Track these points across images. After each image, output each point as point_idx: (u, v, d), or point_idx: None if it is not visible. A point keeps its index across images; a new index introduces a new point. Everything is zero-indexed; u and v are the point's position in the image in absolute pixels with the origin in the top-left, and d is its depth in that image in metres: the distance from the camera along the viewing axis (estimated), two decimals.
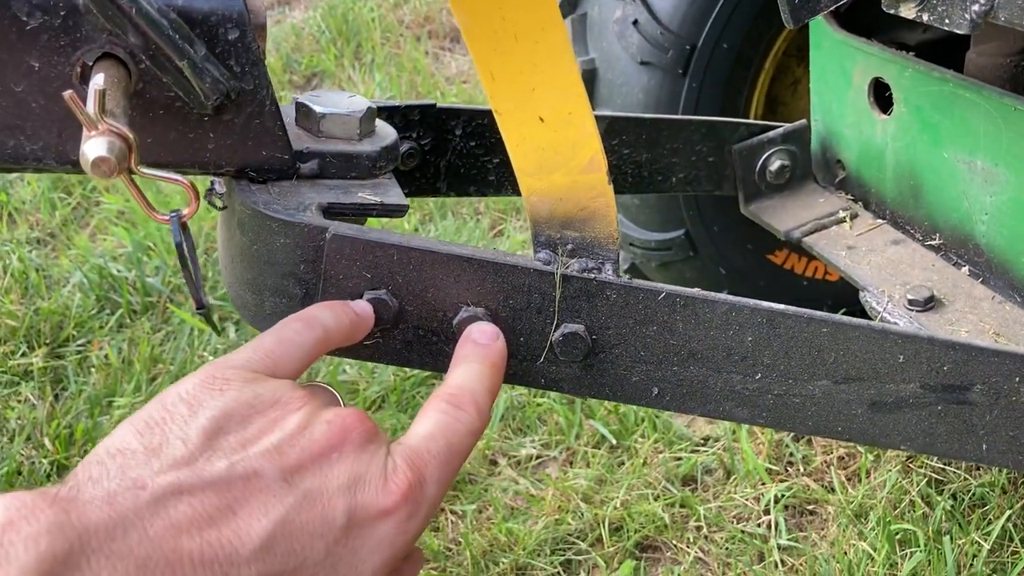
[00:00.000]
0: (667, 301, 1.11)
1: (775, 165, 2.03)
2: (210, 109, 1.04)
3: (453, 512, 2.26)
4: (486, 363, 0.98)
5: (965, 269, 1.75)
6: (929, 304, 1.67)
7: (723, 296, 1.12)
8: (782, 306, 1.12)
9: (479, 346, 1.00)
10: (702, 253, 2.47)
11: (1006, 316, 1.62)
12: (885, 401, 1.14)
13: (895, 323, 1.68)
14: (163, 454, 0.69)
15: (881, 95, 1.88)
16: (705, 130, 1.96)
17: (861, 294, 1.79)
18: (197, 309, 1.07)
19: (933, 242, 1.82)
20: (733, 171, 2.03)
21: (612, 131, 1.85)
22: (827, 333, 1.12)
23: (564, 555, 2.11)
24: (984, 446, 1.17)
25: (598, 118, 1.89)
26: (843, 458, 2.25)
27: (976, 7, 1.32)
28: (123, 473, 0.67)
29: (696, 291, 1.12)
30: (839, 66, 1.96)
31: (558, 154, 1.06)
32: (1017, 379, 1.13)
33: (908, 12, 1.42)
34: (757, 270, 2.52)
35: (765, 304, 1.12)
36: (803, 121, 2.05)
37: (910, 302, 1.69)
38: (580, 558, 2.11)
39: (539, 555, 2.10)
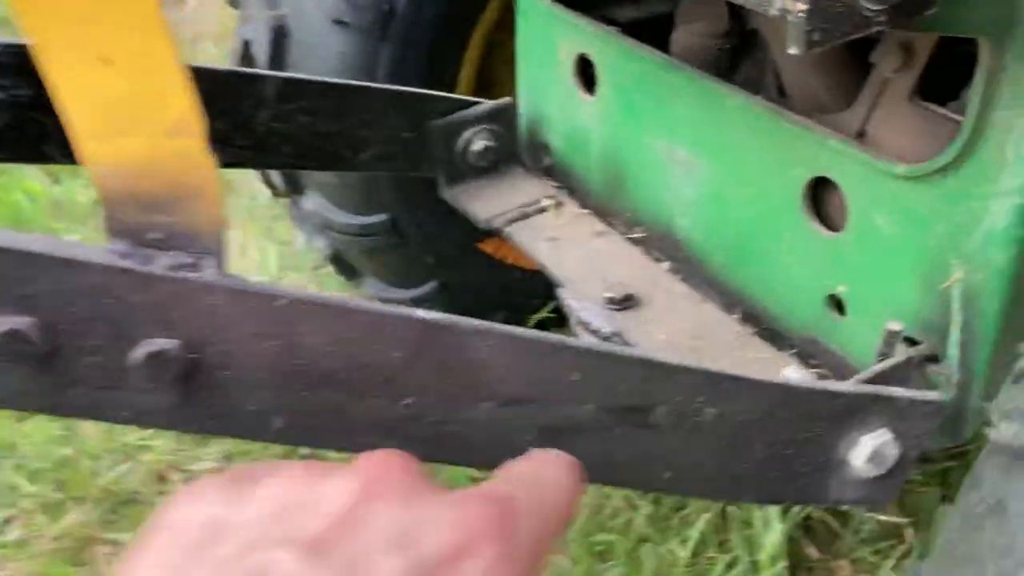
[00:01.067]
0: (291, 309, 0.86)
1: (478, 145, 1.84)
2: None
3: (107, 541, 1.91)
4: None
5: (666, 265, 1.64)
6: (627, 303, 1.54)
7: (363, 303, 0.89)
8: (437, 315, 0.90)
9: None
10: (409, 240, 2.25)
11: (705, 317, 1.52)
12: (558, 426, 0.96)
13: (592, 323, 1.54)
14: None
15: (588, 74, 1.73)
16: (399, 101, 1.73)
17: (559, 291, 1.64)
18: None
19: (636, 235, 1.71)
20: (431, 150, 1.82)
21: (287, 95, 1.58)
22: (490, 347, 0.92)
23: None
24: (668, 474, 1.03)
25: (268, 78, 1.63)
26: None
27: None
28: None
29: (330, 296, 0.89)
30: (546, 40, 1.80)
31: (133, 110, 0.79)
32: (701, 399, 0.99)
33: None
34: (468, 260, 2.34)
35: (417, 313, 0.90)
36: (509, 99, 1.88)
37: (608, 300, 1.55)
38: None
39: None
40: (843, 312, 1.33)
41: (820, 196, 1.33)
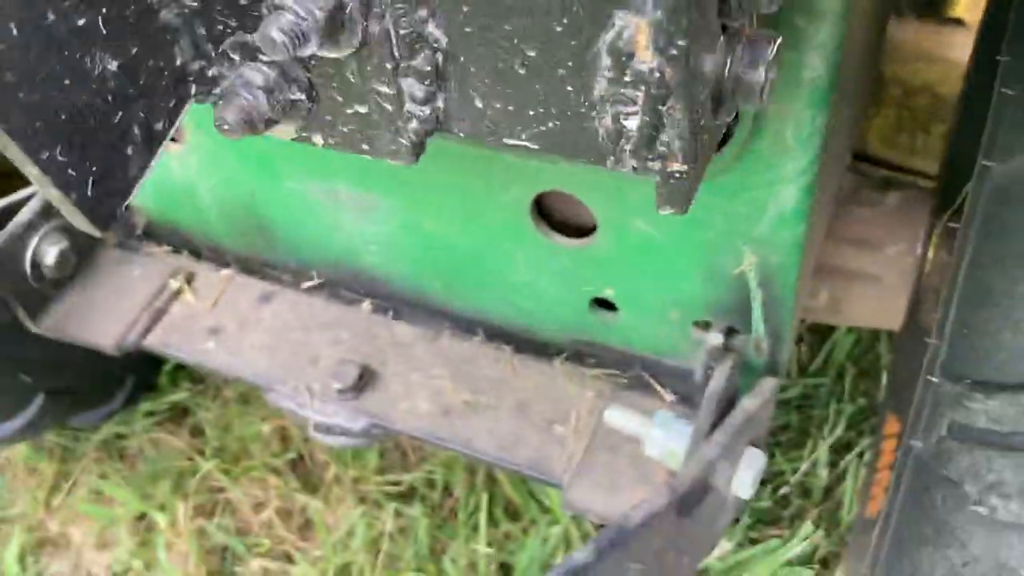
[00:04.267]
0: None
1: (51, 253, 1.36)
2: None
3: None
4: None
5: (367, 305, 1.37)
6: (363, 381, 1.27)
7: None
8: None
9: None
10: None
11: (454, 354, 1.30)
12: None
13: (335, 424, 1.25)
14: None
15: None
16: None
17: (269, 396, 1.32)
18: None
19: (312, 284, 1.39)
20: None
21: None
22: None
23: None
24: None
25: None
26: None
27: None
28: None
29: None
30: None
31: None
32: None
33: None
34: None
35: None
36: None
37: (340, 392, 1.26)
38: None
39: None
40: (616, 310, 1.19)
41: (549, 206, 1.14)
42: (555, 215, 1.15)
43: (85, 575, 1.75)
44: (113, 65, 0.62)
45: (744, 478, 1.02)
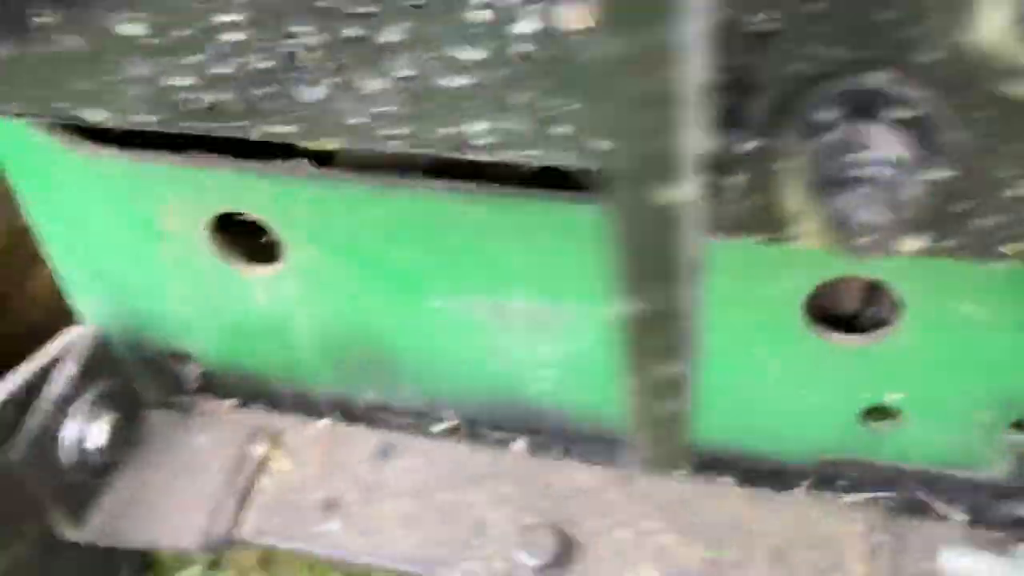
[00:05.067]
0: None
1: (99, 433, 1.00)
2: None
3: None
4: None
5: (519, 445, 1.06)
6: (564, 556, 0.96)
7: None
8: None
9: None
10: None
11: (663, 499, 1.00)
12: None
13: None
14: None
15: (230, 240, 0.98)
16: None
17: None
18: None
19: (444, 426, 1.08)
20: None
21: None
22: None
23: None
24: None
25: None
26: None
27: None
28: None
29: None
30: (120, 201, 0.97)
31: None
32: None
33: None
34: None
35: None
36: (88, 327, 1.03)
37: (539, 572, 0.94)
38: None
39: None
40: (896, 418, 0.93)
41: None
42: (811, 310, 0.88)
43: None
44: None
45: None
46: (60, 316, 1.06)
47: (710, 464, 1.03)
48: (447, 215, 0.89)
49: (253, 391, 1.12)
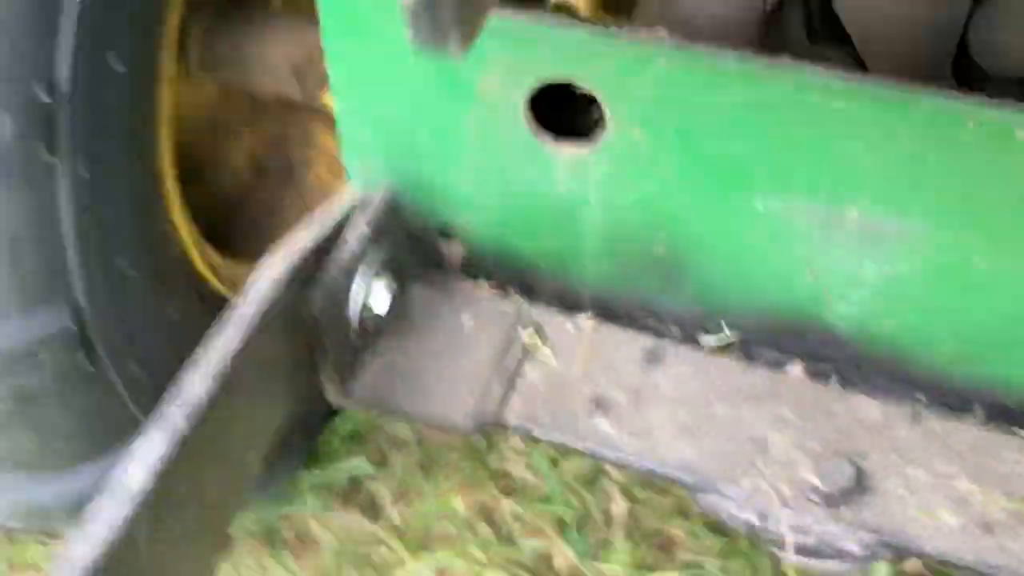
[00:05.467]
0: None
1: (381, 296, 0.97)
2: None
3: None
4: None
5: (795, 369, 1.01)
6: (859, 489, 0.91)
7: None
8: None
9: None
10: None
11: (958, 444, 0.95)
12: None
13: (838, 545, 0.89)
14: None
15: (547, 111, 0.93)
16: None
17: (702, 500, 0.94)
18: None
19: (720, 340, 1.03)
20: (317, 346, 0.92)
21: None
22: None
23: None
24: None
25: None
26: None
27: None
28: None
29: None
30: (434, 65, 0.93)
31: None
32: None
33: None
34: None
35: None
36: (382, 189, 1.00)
37: (828, 499, 0.90)
38: None
39: None
40: None
41: None
42: None
43: None
44: None
45: None
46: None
47: (1002, 414, 0.97)
48: (802, 106, 0.83)
49: (515, 278, 1.08)
